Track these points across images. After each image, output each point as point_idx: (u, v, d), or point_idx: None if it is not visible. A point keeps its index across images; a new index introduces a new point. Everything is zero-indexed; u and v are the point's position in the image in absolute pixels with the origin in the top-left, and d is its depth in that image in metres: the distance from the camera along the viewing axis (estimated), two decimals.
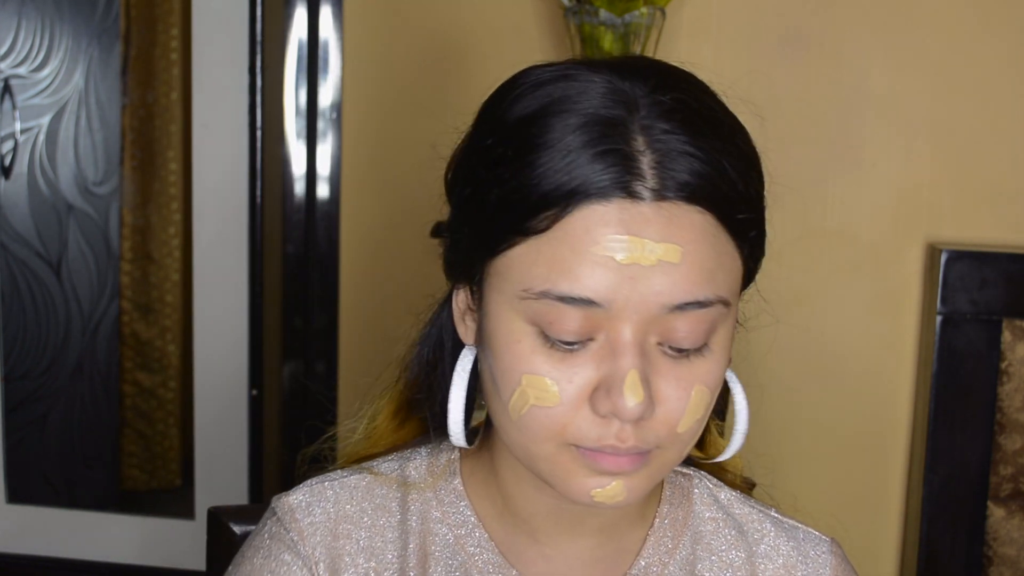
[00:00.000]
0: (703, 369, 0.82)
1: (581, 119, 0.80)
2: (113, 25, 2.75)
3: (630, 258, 0.78)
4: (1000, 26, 2.16)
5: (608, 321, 0.79)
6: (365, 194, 2.42)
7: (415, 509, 0.94)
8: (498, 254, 0.82)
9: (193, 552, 2.55)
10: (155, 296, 3.17)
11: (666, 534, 0.95)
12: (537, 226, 0.80)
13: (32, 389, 2.77)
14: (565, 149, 0.79)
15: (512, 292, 0.82)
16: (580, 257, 0.78)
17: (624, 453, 0.81)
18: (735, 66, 2.21)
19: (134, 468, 3.21)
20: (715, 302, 0.81)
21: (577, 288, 0.79)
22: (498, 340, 0.83)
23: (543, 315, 0.80)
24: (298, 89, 2.43)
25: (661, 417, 0.81)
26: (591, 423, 0.80)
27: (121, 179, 2.88)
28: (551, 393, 0.80)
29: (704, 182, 0.80)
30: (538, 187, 0.79)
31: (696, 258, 0.80)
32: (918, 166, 2.21)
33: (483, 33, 2.29)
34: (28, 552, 2.65)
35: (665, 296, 0.79)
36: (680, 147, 0.80)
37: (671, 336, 0.81)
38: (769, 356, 2.23)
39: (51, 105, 2.71)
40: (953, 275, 2.10)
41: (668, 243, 0.79)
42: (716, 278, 0.81)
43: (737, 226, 0.82)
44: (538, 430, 0.81)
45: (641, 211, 0.79)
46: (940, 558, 2.14)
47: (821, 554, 0.97)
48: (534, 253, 0.80)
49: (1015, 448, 2.11)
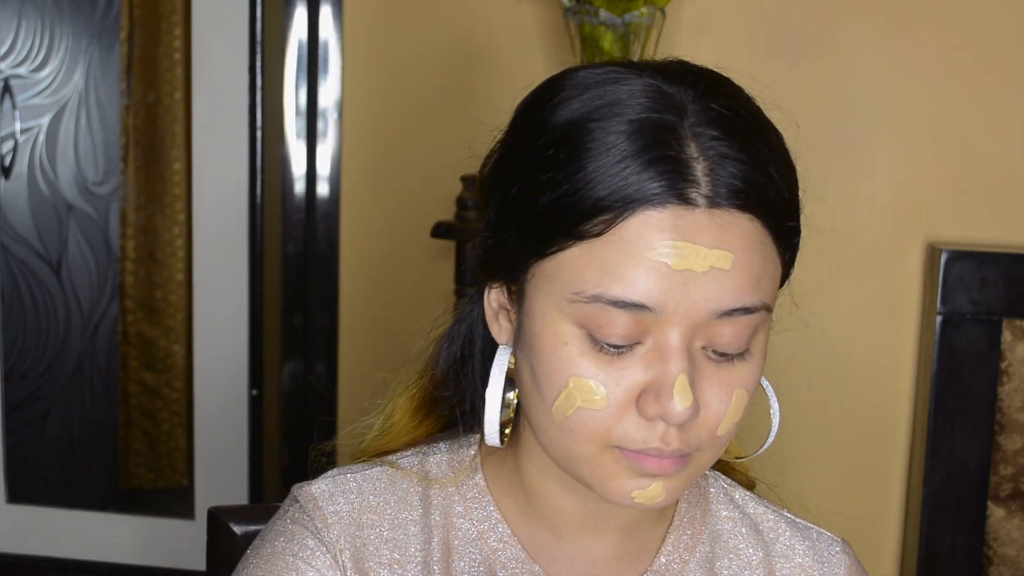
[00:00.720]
0: (744, 373, 0.84)
1: (632, 125, 0.81)
2: (113, 25, 2.74)
3: (683, 264, 0.79)
4: (1000, 26, 2.16)
5: (657, 325, 0.80)
6: (365, 194, 2.42)
7: (437, 504, 0.94)
8: (547, 256, 0.83)
9: (193, 552, 2.55)
10: (159, 296, 3.17)
11: (685, 532, 0.96)
12: (591, 231, 0.80)
13: (32, 389, 2.77)
14: (618, 155, 0.80)
15: (561, 295, 0.82)
16: (634, 262, 0.79)
17: (668, 456, 0.82)
18: (735, 66, 2.20)
19: (140, 467, 3.21)
20: (760, 308, 0.82)
21: (630, 293, 0.79)
22: (543, 342, 0.83)
23: (593, 318, 0.80)
24: (298, 89, 2.43)
25: (703, 420, 0.82)
26: (637, 426, 0.81)
27: (123, 179, 2.88)
28: (599, 396, 0.81)
29: (754, 190, 0.81)
30: (592, 192, 0.80)
31: (745, 265, 0.81)
32: (918, 166, 2.21)
33: (483, 33, 2.28)
34: (28, 552, 2.65)
35: (715, 302, 0.80)
36: (731, 154, 0.81)
37: (716, 341, 0.82)
38: (769, 356, 2.23)
39: (51, 105, 2.71)
40: (953, 275, 2.10)
41: (720, 250, 0.80)
42: (762, 285, 0.83)
43: (783, 234, 0.85)
44: (583, 432, 0.82)
45: (695, 218, 0.79)
46: (940, 558, 2.14)
47: (835, 554, 0.99)
48: (587, 257, 0.80)
49: (1015, 448, 2.11)
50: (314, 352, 2.48)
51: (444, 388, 0.97)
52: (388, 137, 2.39)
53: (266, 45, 2.39)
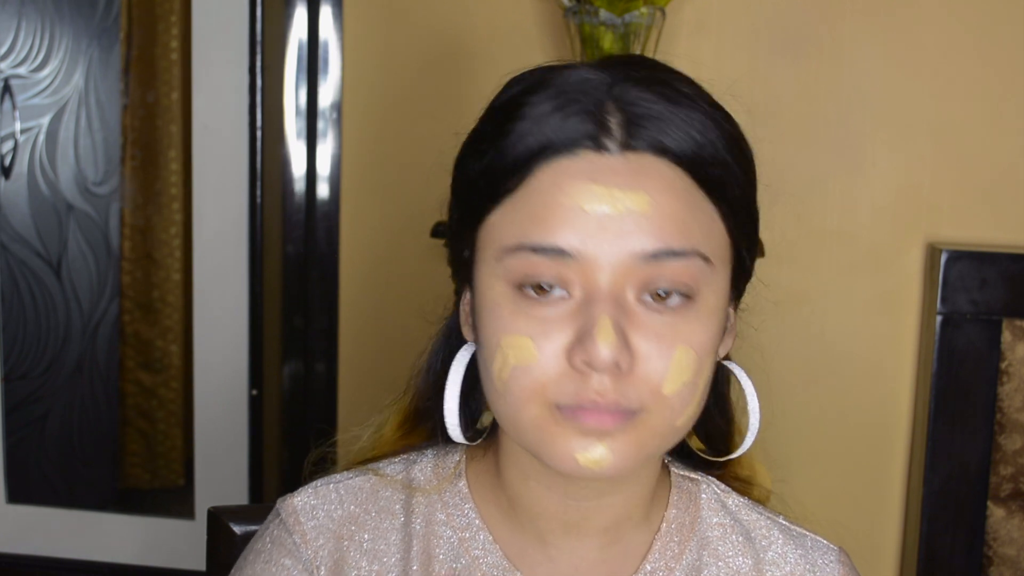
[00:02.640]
0: (687, 329, 0.82)
1: (556, 90, 0.83)
2: (113, 25, 2.74)
3: (597, 206, 0.80)
4: (1000, 26, 2.16)
5: (582, 274, 0.81)
6: (365, 194, 2.42)
7: (419, 511, 0.94)
8: (481, 223, 0.85)
9: (193, 552, 2.55)
10: (156, 296, 3.17)
11: (672, 539, 0.95)
12: (509, 186, 0.83)
13: (32, 389, 2.77)
14: (537, 115, 0.83)
15: (492, 257, 0.84)
16: (550, 209, 0.81)
17: (605, 410, 0.80)
18: (735, 66, 2.21)
19: (137, 467, 3.21)
20: (690, 253, 0.82)
21: (549, 238, 0.80)
22: (483, 311, 0.85)
23: (519, 270, 0.82)
24: (298, 89, 2.43)
25: (643, 374, 0.81)
26: (570, 379, 0.80)
27: (122, 179, 2.88)
28: (530, 352, 0.81)
29: (672, 139, 0.82)
30: (511, 151, 0.83)
31: (666, 208, 0.81)
32: (918, 166, 2.21)
33: (483, 33, 2.28)
34: (28, 552, 2.65)
35: (636, 244, 0.80)
36: (650, 107, 0.83)
37: (647, 288, 0.81)
38: (770, 355, 2.23)
39: (51, 105, 2.71)
40: (953, 275, 2.10)
41: (636, 191, 0.81)
42: (690, 230, 0.82)
43: (711, 185, 0.84)
44: (520, 392, 0.82)
45: (608, 162, 0.81)
46: (940, 558, 2.14)
47: (829, 563, 0.97)
48: (510, 213, 0.83)
49: (1015, 448, 2.11)
50: (314, 352, 2.48)
51: (427, 398, 0.98)
52: (388, 137, 2.39)
53: (266, 45, 2.39)
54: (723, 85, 0.92)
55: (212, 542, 1.20)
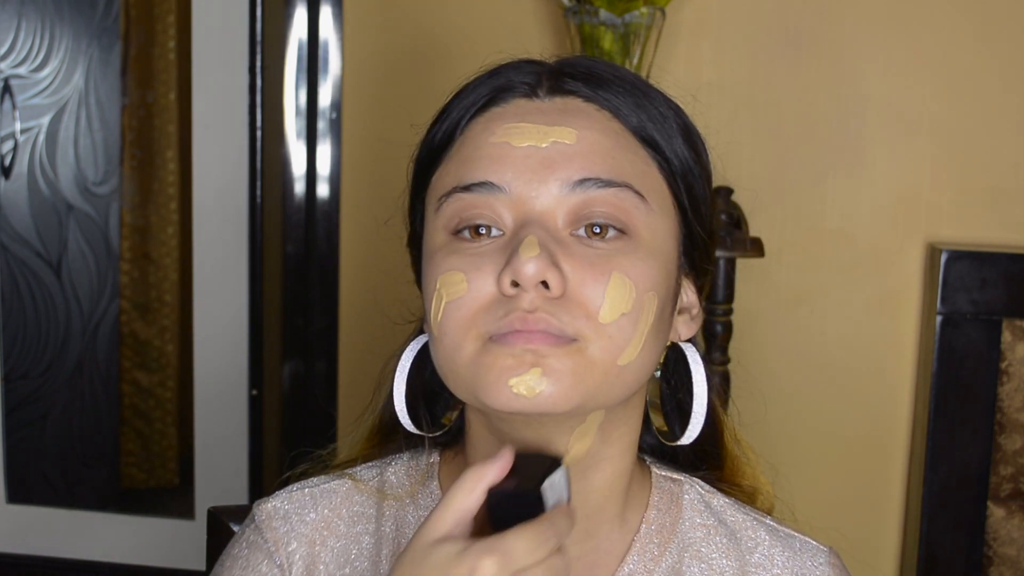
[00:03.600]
0: (623, 261, 0.81)
1: (492, 72, 0.89)
2: (113, 25, 2.74)
3: (524, 140, 0.83)
4: (1000, 26, 2.16)
5: (512, 207, 0.82)
6: (365, 194, 2.42)
7: (391, 515, 0.94)
8: (427, 189, 0.89)
9: (193, 552, 2.55)
10: (154, 296, 3.17)
11: (652, 540, 0.93)
12: (446, 144, 0.87)
13: (32, 389, 2.77)
14: (471, 88, 0.88)
15: (432, 208, 0.87)
16: (480, 150, 0.84)
17: (535, 329, 0.79)
18: (735, 66, 2.20)
19: (132, 467, 3.21)
20: (620, 184, 0.83)
21: (478, 174, 0.83)
22: (425, 266, 0.87)
23: (455, 212, 0.84)
24: (298, 89, 2.43)
25: (576, 299, 0.80)
26: (500, 303, 0.80)
27: (121, 179, 2.88)
28: (461, 285, 0.81)
29: (600, 88, 0.86)
30: (447, 121, 0.88)
31: (592, 141, 0.83)
32: (918, 166, 2.21)
33: (483, 33, 2.28)
34: (28, 552, 2.65)
35: (561, 171, 0.82)
36: (578, 64, 0.88)
37: (580, 220, 0.82)
38: (770, 355, 2.23)
39: (51, 105, 2.70)
40: (953, 275, 2.10)
41: (562, 126, 0.83)
42: (619, 163, 0.83)
43: (642, 132, 0.86)
44: (454, 329, 0.81)
45: (537, 105, 0.85)
46: (940, 558, 2.14)
47: (819, 565, 0.95)
48: (448, 167, 0.87)
49: (1015, 448, 2.11)
50: (314, 352, 2.48)
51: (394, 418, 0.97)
52: (388, 137, 2.38)
53: (266, 45, 2.39)
54: (722, 85, 0.93)
55: (212, 542, 1.20)
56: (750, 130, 2.20)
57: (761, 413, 0.94)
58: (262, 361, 2.49)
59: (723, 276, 2.05)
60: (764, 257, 2.09)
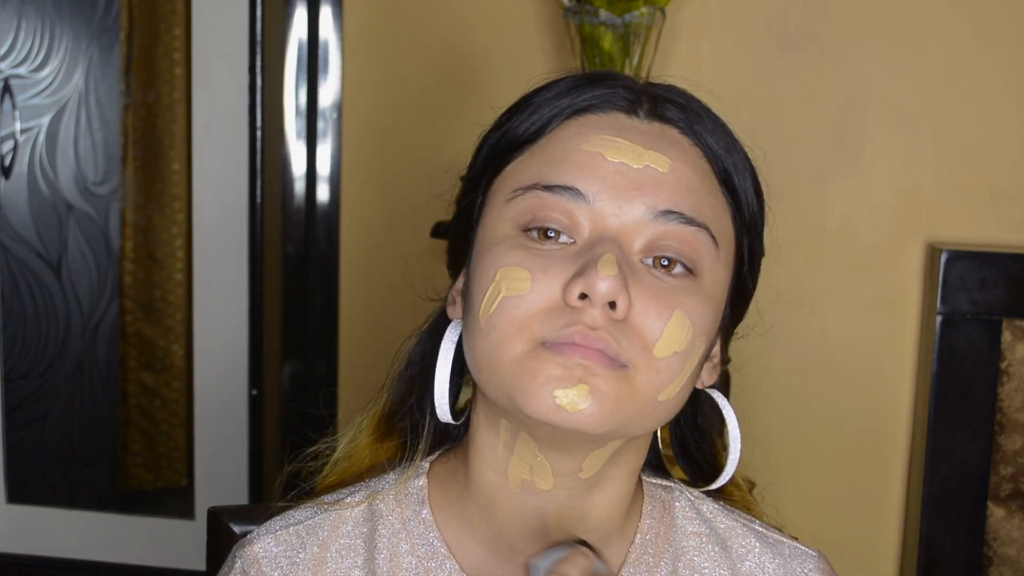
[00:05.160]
0: (687, 298, 0.81)
1: (585, 75, 0.87)
2: (113, 25, 2.74)
3: (618, 156, 0.82)
4: (1000, 26, 2.16)
5: (593, 219, 0.81)
6: (365, 194, 2.42)
7: (383, 545, 0.91)
8: (497, 175, 0.86)
9: (193, 552, 2.55)
10: (158, 296, 3.17)
11: (647, 551, 0.93)
12: (532, 137, 0.85)
13: (32, 389, 2.76)
14: (571, 86, 0.86)
15: (504, 198, 0.84)
16: (570, 153, 0.82)
17: (593, 345, 0.78)
18: (735, 66, 2.20)
19: (139, 468, 3.21)
20: (700, 225, 0.82)
21: (565, 177, 0.82)
22: (483, 252, 0.84)
23: (530, 209, 0.82)
24: (298, 89, 2.43)
25: (637, 327, 0.79)
26: (561, 312, 0.79)
27: (123, 179, 2.87)
28: (524, 283, 0.80)
29: (695, 123, 0.85)
30: (539, 109, 0.85)
31: (684, 174, 0.83)
32: (918, 166, 2.21)
33: (483, 33, 2.28)
34: (28, 552, 2.65)
35: (649, 198, 0.81)
36: (682, 99, 0.87)
37: (654, 249, 0.81)
38: (769, 355, 2.22)
39: (51, 105, 2.70)
40: (953, 275, 2.10)
41: (658, 152, 0.83)
42: (702, 203, 0.83)
43: (728, 178, 0.86)
44: (506, 325, 0.80)
45: (635, 124, 0.84)
46: (940, 558, 2.14)
47: (809, 570, 0.95)
48: (529, 159, 0.84)
49: (1015, 448, 2.11)
50: (314, 352, 2.47)
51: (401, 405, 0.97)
52: (388, 137, 2.39)
53: (266, 45, 2.39)
54: (722, 85, 0.94)
55: (212, 542, 1.20)
56: (750, 130, 2.20)
57: (761, 413, 0.94)
58: (262, 361, 2.49)
59: None
60: (764, 257, 2.09)
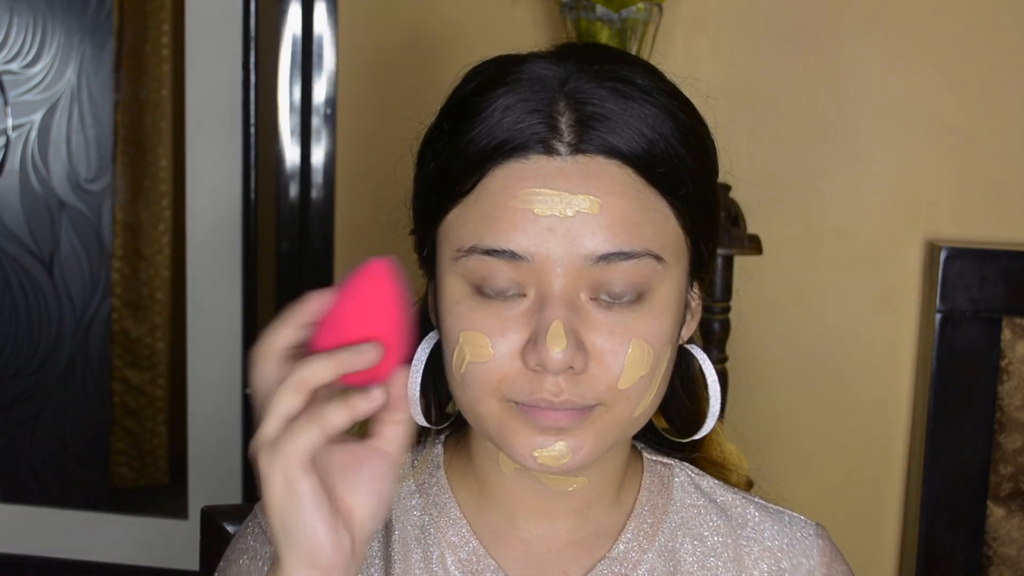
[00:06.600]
0: (642, 325, 0.84)
1: (510, 88, 0.85)
2: (106, 21, 2.73)
3: (547, 210, 0.82)
4: (1000, 23, 2.16)
5: (537, 276, 0.82)
6: (359, 191, 2.41)
7: (400, 502, 0.96)
8: (439, 224, 0.88)
9: (186, 552, 2.54)
10: (145, 293, 3.16)
11: (646, 520, 0.97)
12: (464, 188, 0.85)
13: (24, 388, 2.75)
14: (491, 114, 0.84)
15: (449, 255, 0.86)
16: (502, 212, 0.83)
17: (560, 407, 0.83)
18: (732, 62, 2.19)
19: (123, 466, 3.20)
20: (642, 254, 0.83)
21: (501, 241, 0.82)
22: (442, 305, 0.87)
23: (475, 271, 0.84)
24: (292, 86, 2.42)
25: (598, 372, 0.83)
26: (525, 377, 0.83)
27: (114, 176, 2.86)
28: (486, 349, 0.83)
29: (623, 140, 0.83)
30: (465, 152, 0.85)
31: (616, 210, 0.82)
32: (917, 163, 2.20)
33: (479, 29, 2.27)
34: (20, 552, 2.64)
35: (587, 246, 0.82)
36: (601, 105, 0.84)
37: (601, 289, 0.83)
38: (768, 354, 2.22)
39: (43, 101, 2.69)
40: (953, 273, 2.09)
41: (586, 195, 0.82)
42: (641, 231, 0.83)
43: (663, 182, 0.84)
44: (476, 387, 0.84)
45: (558, 165, 0.82)
46: (940, 558, 2.13)
47: (808, 536, 0.98)
48: (464, 214, 0.85)
49: (1015, 447, 2.10)
50: None
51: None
52: (383, 133, 2.37)
53: (260, 42, 2.38)
54: (720, 81, 0.92)
55: (205, 542, 1.20)
56: (748, 126, 2.19)
57: (759, 411, 0.94)
58: None
59: (721, 274, 2.03)
60: (762, 255, 2.08)
